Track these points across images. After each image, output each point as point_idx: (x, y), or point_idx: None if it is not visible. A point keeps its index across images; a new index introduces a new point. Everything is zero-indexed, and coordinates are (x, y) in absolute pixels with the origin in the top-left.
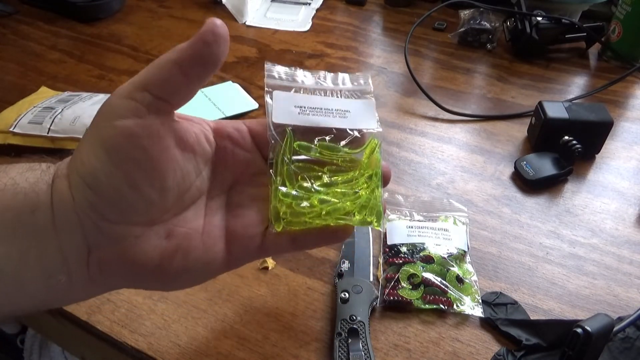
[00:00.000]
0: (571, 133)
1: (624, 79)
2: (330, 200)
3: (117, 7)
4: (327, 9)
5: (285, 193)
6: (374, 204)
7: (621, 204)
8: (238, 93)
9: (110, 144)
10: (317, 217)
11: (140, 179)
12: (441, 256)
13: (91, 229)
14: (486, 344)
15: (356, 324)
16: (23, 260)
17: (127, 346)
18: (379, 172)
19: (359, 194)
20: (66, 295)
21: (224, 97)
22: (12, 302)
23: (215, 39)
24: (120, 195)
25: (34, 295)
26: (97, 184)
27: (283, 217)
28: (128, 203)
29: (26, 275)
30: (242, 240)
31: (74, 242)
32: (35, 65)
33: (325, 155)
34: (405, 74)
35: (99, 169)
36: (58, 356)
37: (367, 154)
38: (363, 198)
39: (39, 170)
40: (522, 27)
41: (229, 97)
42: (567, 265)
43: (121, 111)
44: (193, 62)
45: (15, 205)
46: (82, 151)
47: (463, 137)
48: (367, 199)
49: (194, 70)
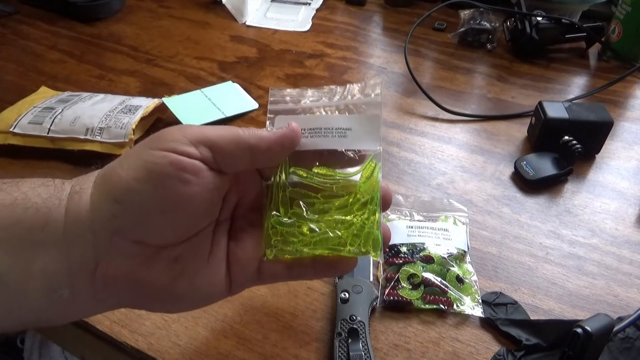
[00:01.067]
0: (571, 133)
1: (624, 79)
2: (320, 229)
3: (117, 7)
4: (327, 9)
5: (278, 220)
6: (370, 232)
7: (621, 204)
8: (238, 93)
9: (156, 168)
10: (306, 246)
11: (173, 207)
12: (441, 256)
13: (104, 242)
14: (486, 344)
15: (356, 324)
16: (27, 272)
17: (127, 346)
18: (376, 197)
19: (352, 222)
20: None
21: (223, 97)
22: (14, 315)
23: (292, 146)
24: (148, 217)
25: (36, 309)
26: (127, 200)
27: (275, 245)
28: (153, 225)
29: (29, 288)
30: (241, 266)
31: (82, 255)
32: (35, 65)
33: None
34: (405, 74)
35: (134, 186)
36: (58, 356)
37: (364, 176)
38: (356, 226)
39: (52, 187)
40: (522, 27)
41: (229, 97)
42: (567, 265)
43: (179, 147)
44: (265, 154)
45: (25, 219)
46: (121, 166)
47: (463, 137)
48: (361, 227)
49: (261, 159)
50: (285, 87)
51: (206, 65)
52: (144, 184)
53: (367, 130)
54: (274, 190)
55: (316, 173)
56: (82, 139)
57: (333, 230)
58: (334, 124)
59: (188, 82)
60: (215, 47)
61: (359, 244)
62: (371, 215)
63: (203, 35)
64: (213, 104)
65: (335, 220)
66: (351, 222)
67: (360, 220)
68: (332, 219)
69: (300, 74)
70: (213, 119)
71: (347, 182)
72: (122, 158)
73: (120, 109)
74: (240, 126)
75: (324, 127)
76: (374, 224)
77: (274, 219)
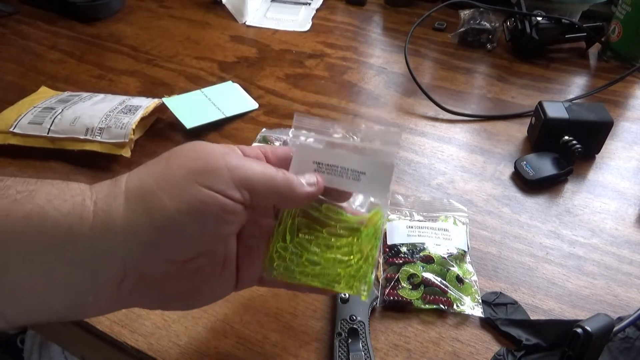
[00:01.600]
0: (571, 133)
1: (624, 79)
2: (320, 263)
3: (117, 7)
4: (327, 9)
5: (283, 246)
6: (364, 275)
7: (621, 204)
8: (238, 93)
9: (203, 208)
10: (305, 276)
11: (211, 240)
12: (441, 256)
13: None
14: (486, 344)
15: (356, 324)
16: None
17: (127, 346)
18: (376, 245)
19: (350, 263)
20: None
21: (224, 97)
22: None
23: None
24: (184, 244)
25: (55, 311)
26: (168, 230)
27: (276, 269)
28: (186, 250)
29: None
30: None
31: (110, 268)
32: (35, 65)
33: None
34: (405, 74)
35: (178, 219)
36: (58, 356)
37: (368, 226)
38: (353, 268)
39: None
40: (522, 27)
41: (229, 97)
42: (567, 265)
43: (227, 192)
44: (291, 203)
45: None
46: (164, 191)
47: (463, 137)
48: (357, 270)
49: (287, 205)
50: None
51: (206, 65)
52: (187, 218)
53: (380, 179)
54: (284, 216)
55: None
56: (82, 139)
57: (332, 267)
58: (351, 164)
59: (188, 82)
60: (215, 47)
61: (352, 285)
62: (369, 259)
63: (203, 35)
64: (213, 103)
65: (335, 258)
66: (350, 264)
67: (358, 264)
68: (333, 257)
69: (300, 74)
70: (213, 119)
71: (351, 226)
72: (163, 182)
73: (120, 109)
74: (240, 126)
75: (341, 166)
76: (369, 269)
77: (280, 245)
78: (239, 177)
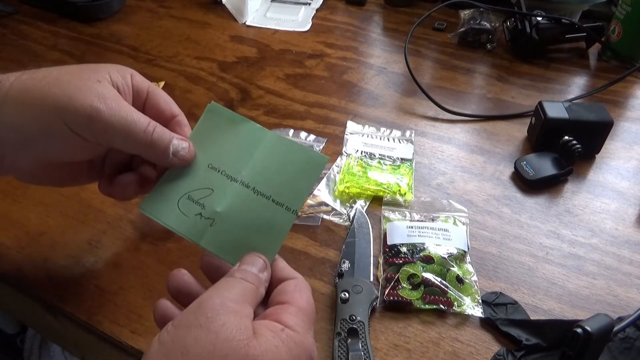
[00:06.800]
0: (571, 133)
1: (624, 79)
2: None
3: (117, 7)
4: (327, 9)
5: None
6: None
7: (621, 204)
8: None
9: (47, 133)
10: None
11: (58, 157)
12: (441, 256)
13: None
14: (486, 344)
15: (356, 324)
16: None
17: (127, 346)
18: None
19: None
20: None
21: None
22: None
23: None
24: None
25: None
26: (29, 136)
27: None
28: (41, 154)
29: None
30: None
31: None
32: (35, 65)
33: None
34: (405, 74)
35: (34, 133)
36: (58, 356)
37: None
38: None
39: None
40: (522, 27)
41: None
42: (567, 265)
43: (77, 129)
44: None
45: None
46: (29, 109)
47: (463, 137)
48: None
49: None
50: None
51: (206, 65)
52: (42, 138)
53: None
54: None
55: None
56: None
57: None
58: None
59: (188, 82)
60: (215, 47)
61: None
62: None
63: (203, 35)
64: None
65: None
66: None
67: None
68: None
69: (300, 74)
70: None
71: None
72: (31, 100)
73: None
74: None
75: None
76: None
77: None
78: (99, 126)
